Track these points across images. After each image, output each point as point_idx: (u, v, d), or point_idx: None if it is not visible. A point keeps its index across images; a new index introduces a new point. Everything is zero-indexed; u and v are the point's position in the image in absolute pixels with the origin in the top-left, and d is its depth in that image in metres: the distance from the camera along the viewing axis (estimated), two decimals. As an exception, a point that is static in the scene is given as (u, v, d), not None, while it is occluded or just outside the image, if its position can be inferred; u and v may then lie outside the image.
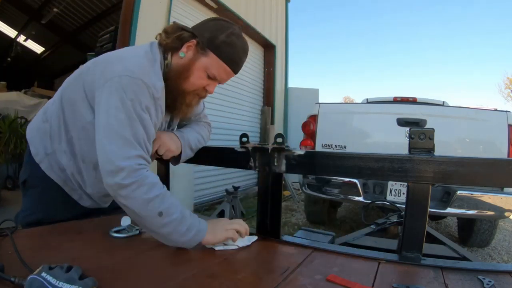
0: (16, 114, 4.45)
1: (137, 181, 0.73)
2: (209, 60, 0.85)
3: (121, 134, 0.75)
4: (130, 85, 0.76)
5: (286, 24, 6.38)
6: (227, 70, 0.87)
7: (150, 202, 0.73)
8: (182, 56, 0.86)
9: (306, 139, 2.89)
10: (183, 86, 0.87)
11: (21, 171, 0.95)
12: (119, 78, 0.76)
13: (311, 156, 0.90)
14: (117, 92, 0.76)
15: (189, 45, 0.86)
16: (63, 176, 0.89)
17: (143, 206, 0.73)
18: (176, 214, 0.75)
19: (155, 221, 0.74)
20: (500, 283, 0.64)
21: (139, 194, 0.73)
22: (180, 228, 0.75)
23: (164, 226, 0.75)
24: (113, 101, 0.75)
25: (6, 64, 7.53)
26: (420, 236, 0.77)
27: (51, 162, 0.89)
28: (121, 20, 3.00)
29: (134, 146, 0.76)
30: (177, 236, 0.76)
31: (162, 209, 0.74)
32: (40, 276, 0.49)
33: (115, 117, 0.75)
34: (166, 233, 0.75)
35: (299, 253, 0.79)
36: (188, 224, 0.76)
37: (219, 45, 0.84)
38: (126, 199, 0.74)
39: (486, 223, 2.76)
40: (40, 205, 0.90)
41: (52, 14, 5.78)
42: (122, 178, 0.72)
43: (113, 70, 0.78)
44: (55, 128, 0.88)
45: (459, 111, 2.62)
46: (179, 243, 0.77)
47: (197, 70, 0.86)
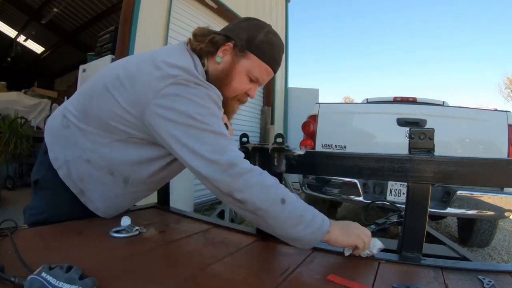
0: (16, 114, 4.46)
1: (250, 168, 0.68)
2: (250, 62, 0.81)
3: (209, 131, 0.69)
4: (187, 84, 0.71)
5: (286, 24, 6.38)
6: (269, 70, 0.84)
7: (270, 189, 0.67)
8: (219, 61, 0.82)
9: (306, 139, 2.89)
10: (225, 93, 0.82)
11: (33, 170, 0.92)
12: (171, 85, 0.70)
13: (311, 156, 0.90)
14: (178, 98, 0.70)
15: (225, 48, 0.81)
16: (81, 186, 0.85)
17: (265, 193, 0.67)
18: (299, 202, 0.69)
19: (279, 210, 0.67)
20: (500, 283, 0.64)
21: (257, 181, 0.67)
22: (306, 216, 0.68)
23: (290, 216, 0.67)
24: (180, 105, 0.69)
25: (6, 64, 7.54)
26: (420, 236, 0.77)
27: (70, 169, 0.84)
28: (121, 20, 3.00)
29: (226, 137, 0.71)
30: (304, 227, 0.68)
31: (283, 196, 0.67)
32: (40, 276, 0.49)
33: (193, 118, 0.69)
34: (292, 224, 0.68)
35: (299, 253, 0.79)
36: (313, 212, 0.69)
37: (259, 45, 0.80)
38: (244, 190, 0.67)
39: (486, 223, 2.76)
40: (50, 206, 0.89)
41: (52, 14, 5.79)
42: (234, 168, 0.67)
43: (159, 82, 0.71)
44: (78, 136, 0.83)
45: (459, 111, 2.62)
46: (306, 236, 0.69)
47: (238, 74, 0.81)
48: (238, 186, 0.67)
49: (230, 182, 0.67)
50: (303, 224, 0.68)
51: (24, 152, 4.20)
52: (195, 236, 0.89)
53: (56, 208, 0.89)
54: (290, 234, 0.70)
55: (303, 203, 0.71)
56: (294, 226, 0.69)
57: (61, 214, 0.89)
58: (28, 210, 0.92)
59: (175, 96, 0.70)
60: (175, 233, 0.91)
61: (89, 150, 0.82)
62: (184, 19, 3.67)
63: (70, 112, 0.86)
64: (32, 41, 7.69)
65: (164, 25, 3.31)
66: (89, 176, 0.84)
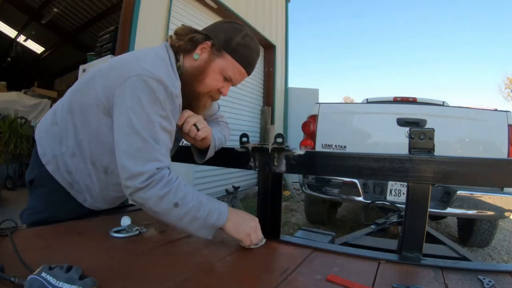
0: (16, 114, 4.46)
1: (153, 182, 0.73)
2: (225, 61, 0.85)
3: (140, 136, 0.74)
4: (147, 84, 0.75)
5: (286, 24, 6.38)
6: (242, 71, 0.88)
7: (164, 197, 0.73)
8: (196, 58, 0.86)
9: (306, 139, 2.89)
10: (198, 88, 0.87)
11: (27, 171, 0.95)
12: (136, 78, 0.75)
13: (311, 156, 0.90)
14: (134, 93, 0.75)
15: (204, 47, 0.85)
16: (69, 179, 0.89)
17: (158, 202, 0.73)
18: (193, 202, 0.75)
19: (173, 213, 0.74)
20: (500, 283, 0.64)
21: (154, 192, 0.73)
22: (200, 214, 0.75)
23: (184, 217, 0.75)
24: (130, 102, 0.75)
25: (6, 64, 7.54)
26: (420, 236, 0.77)
27: (58, 164, 0.88)
28: (121, 20, 3.00)
29: (153, 148, 0.75)
30: (200, 223, 0.76)
31: (177, 200, 0.74)
32: (40, 276, 0.49)
33: (133, 119, 0.74)
34: (187, 223, 0.76)
35: (299, 253, 0.79)
36: (208, 209, 0.77)
37: (235, 47, 0.85)
38: (142, 200, 0.74)
39: (486, 223, 2.76)
40: (47, 205, 0.91)
41: (52, 14, 5.79)
42: (140, 182, 0.72)
43: (129, 70, 0.77)
44: (64, 131, 0.87)
45: (459, 111, 2.62)
46: (204, 230, 0.77)
47: (212, 71, 0.85)
48: (138, 196, 0.74)
49: (133, 192, 0.74)
50: (197, 221, 0.76)
51: (24, 152, 4.20)
52: (195, 236, 0.89)
53: (53, 205, 0.90)
54: (186, 230, 0.78)
55: (198, 202, 0.76)
56: (188, 224, 0.76)
57: (59, 212, 0.90)
58: (26, 210, 0.92)
59: (132, 88, 0.75)
60: (175, 233, 0.91)
61: (74, 144, 0.86)
62: (184, 19, 3.67)
63: (59, 109, 0.90)
64: (32, 41, 7.68)
65: (164, 25, 3.31)
66: (75, 168, 0.88)
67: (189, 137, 0.91)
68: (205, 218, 0.76)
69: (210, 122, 1.07)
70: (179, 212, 0.74)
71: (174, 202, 0.74)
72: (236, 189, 3.56)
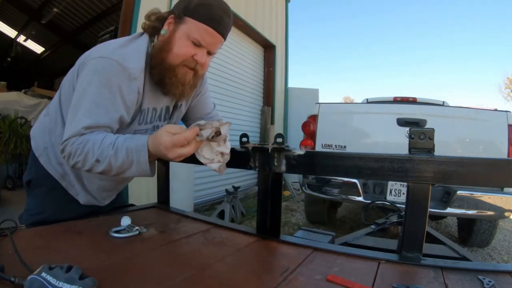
0: (16, 114, 4.46)
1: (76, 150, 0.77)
2: (187, 25, 0.84)
3: (78, 107, 0.78)
4: (102, 66, 0.78)
5: (286, 24, 6.38)
6: (209, 30, 0.84)
7: (87, 155, 0.76)
8: (163, 33, 0.87)
9: (306, 139, 2.89)
10: (169, 59, 0.85)
11: (25, 172, 0.96)
12: (93, 60, 0.79)
13: (311, 156, 0.90)
14: (88, 74, 0.79)
15: (169, 21, 0.86)
16: (61, 170, 0.90)
17: (84, 163, 0.78)
18: (110, 152, 0.76)
19: (99, 167, 0.77)
20: (500, 283, 0.64)
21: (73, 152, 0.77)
22: (119, 160, 0.76)
23: (111, 167, 0.77)
24: (83, 81, 0.79)
25: (6, 64, 7.53)
26: (420, 236, 0.77)
27: (49, 155, 0.90)
28: (121, 20, 3.00)
29: (87, 116, 0.77)
30: (126, 166, 0.77)
31: (97, 157, 0.76)
32: (40, 276, 0.49)
33: (79, 98, 0.78)
34: (117, 170, 0.78)
35: (299, 253, 0.79)
36: (124, 151, 0.76)
37: (194, 8, 0.83)
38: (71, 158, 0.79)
39: (486, 223, 2.76)
40: (46, 205, 0.91)
41: (52, 14, 5.79)
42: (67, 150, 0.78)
43: (90, 54, 0.81)
44: (53, 122, 0.90)
45: (459, 111, 2.62)
46: (136, 172, 0.78)
47: (178, 39, 0.84)
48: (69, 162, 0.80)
49: (66, 159, 0.80)
50: (124, 166, 0.77)
51: (24, 152, 4.19)
52: (195, 236, 0.89)
53: (52, 205, 0.90)
54: (121, 177, 0.82)
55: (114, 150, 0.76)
56: (118, 171, 0.78)
57: (58, 212, 0.90)
58: (25, 212, 0.93)
59: (88, 71, 0.80)
60: (175, 233, 0.91)
61: (61, 133, 0.86)
62: (184, 19, 3.67)
63: (51, 104, 0.93)
64: (32, 41, 7.69)
65: (164, 25, 3.31)
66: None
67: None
68: (126, 161, 0.76)
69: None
70: (103, 165, 0.77)
71: (96, 159, 0.76)
72: (236, 189, 3.56)
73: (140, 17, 2.95)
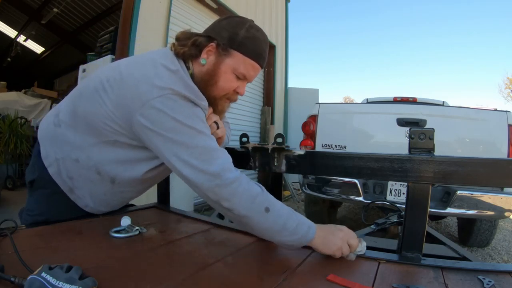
0: (16, 114, 4.46)
1: (236, 178, 0.71)
2: (234, 60, 0.81)
3: (196, 146, 0.72)
4: (175, 102, 0.73)
5: (286, 24, 6.38)
6: (255, 65, 0.83)
7: (255, 198, 0.71)
8: (203, 63, 0.82)
9: (306, 139, 2.89)
10: (213, 93, 0.83)
11: (27, 170, 0.93)
12: (160, 99, 0.72)
13: (311, 156, 0.90)
14: (166, 114, 0.72)
15: (209, 49, 0.81)
16: (71, 184, 0.87)
17: (249, 202, 0.70)
18: (283, 210, 0.72)
19: (263, 218, 0.71)
20: (500, 283, 0.64)
21: (242, 190, 0.71)
22: (290, 224, 0.71)
23: (273, 224, 0.71)
24: (167, 126, 0.72)
25: (6, 64, 7.53)
26: (420, 236, 0.77)
27: (60, 168, 0.86)
28: (121, 20, 3.00)
29: (212, 148, 0.74)
30: (288, 234, 0.72)
31: (267, 205, 0.71)
32: (40, 276, 0.49)
33: (180, 138, 0.72)
34: (276, 231, 0.72)
35: (299, 253, 0.79)
36: (297, 220, 0.73)
37: (242, 41, 0.80)
38: (231, 199, 0.71)
39: (486, 223, 2.76)
40: (47, 207, 0.89)
41: (52, 14, 5.79)
42: (221, 179, 0.70)
43: (146, 92, 0.73)
44: (67, 136, 0.85)
45: (459, 111, 2.62)
46: (290, 242, 0.73)
47: (224, 73, 0.82)
48: (224, 196, 0.70)
49: (218, 191, 0.70)
50: (287, 231, 0.72)
51: (24, 152, 4.19)
52: (195, 236, 0.89)
53: (53, 208, 0.90)
54: (274, 240, 0.74)
55: (288, 211, 0.74)
56: (277, 233, 0.72)
57: (59, 214, 0.90)
58: (25, 211, 0.92)
59: (161, 111, 0.72)
60: (175, 233, 0.91)
61: (78, 150, 0.84)
62: (184, 19, 3.67)
63: (62, 111, 0.88)
64: (32, 41, 7.68)
65: (164, 25, 3.31)
66: (78, 174, 0.86)
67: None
68: (294, 229, 0.71)
69: None
70: (269, 218, 0.70)
71: (265, 206, 0.70)
72: (236, 189, 3.55)
73: (140, 17, 2.95)
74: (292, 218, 0.73)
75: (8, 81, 6.26)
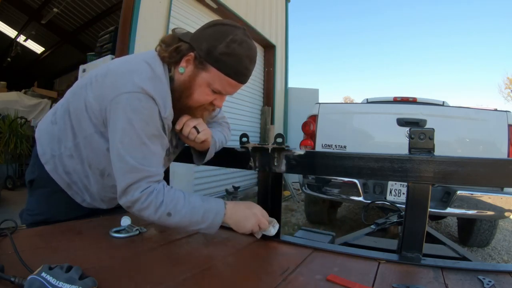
0: (16, 114, 4.45)
1: (144, 194, 0.75)
2: (210, 75, 0.78)
3: (131, 157, 0.75)
4: (140, 102, 0.74)
5: (286, 24, 6.38)
6: (232, 82, 0.79)
7: (158, 209, 0.76)
8: (181, 72, 0.81)
9: (306, 139, 2.89)
10: (188, 103, 0.83)
11: (27, 170, 0.94)
12: (129, 95, 0.74)
13: (311, 156, 0.90)
14: (126, 112, 0.74)
15: (188, 58, 0.80)
16: (68, 179, 0.89)
17: (153, 214, 0.76)
18: (185, 209, 0.78)
19: (169, 221, 0.78)
20: (500, 283, 0.64)
21: (148, 204, 0.76)
22: (195, 218, 0.78)
23: (180, 222, 0.78)
24: (122, 123, 0.74)
25: (6, 64, 7.53)
26: (420, 236, 0.77)
27: (56, 164, 0.88)
28: (121, 20, 3.00)
29: (143, 169, 0.76)
30: (196, 225, 0.79)
31: (168, 210, 0.77)
32: (40, 276, 0.49)
33: (125, 140, 0.75)
34: (185, 226, 0.79)
35: (299, 253, 0.79)
36: (202, 212, 0.79)
37: (219, 57, 0.75)
38: (140, 212, 0.77)
39: (486, 223, 2.76)
40: (47, 206, 0.90)
41: (52, 14, 5.78)
42: (131, 196, 0.75)
43: (123, 83, 0.75)
44: (62, 132, 0.87)
45: (459, 111, 2.62)
46: (202, 230, 0.81)
47: (199, 86, 0.80)
48: (134, 208, 0.77)
49: (129, 206, 0.77)
50: (195, 223, 0.79)
51: (24, 152, 4.19)
52: (195, 236, 0.89)
53: (53, 207, 0.90)
54: (188, 231, 0.82)
55: (191, 208, 0.78)
56: (187, 227, 0.80)
57: (59, 213, 0.90)
58: (26, 211, 0.92)
59: (123, 108, 0.75)
60: (175, 233, 0.91)
61: (72, 145, 0.86)
62: (184, 19, 3.67)
63: (59, 109, 0.90)
64: (32, 41, 7.68)
65: (164, 25, 3.31)
66: (73, 169, 0.88)
67: (189, 140, 0.90)
68: (201, 220, 0.79)
69: (211, 123, 1.07)
70: (174, 219, 0.77)
71: (167, 212, 0.76)
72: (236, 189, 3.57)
73: (140, 17, 2.95)
74: (197, 211, 0.78)
75: (8, 81, 6.26)
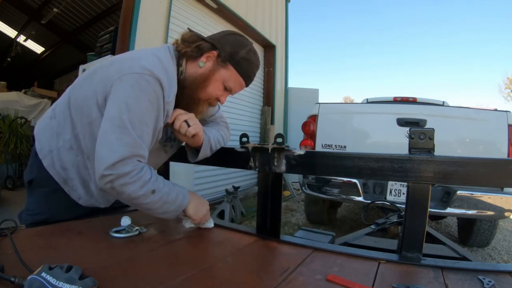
0: (16, 114, 4.45)
1: (135, 169, 0.77)
2: (228, 73, 0.89)
3: (130, 133, 0.77)
4: (149, 84, 0.78)
5: (286, 24, 6.38)
6: (242, 83, 0.93)
7: (144, 185, 0.79)
8: (201, 65, 0.89)
9: (306, 139, 2.89)
10: (199, 94, 0.90)
11: (26, 170, 0.95)
12: (138, 75, 0.78)
13: (311, 156, 0.90)
14: (133, 89, 0.77)
15: (209, 55, 0.89)
16: (64, 175, 0.89)
17: (138, 189, 0.78)
18: (165, 188, 0.83)
19: (148, 199, 0.80)
20: (500, 283, 0.64)
21: (137, 179, 0.78)
22: (170, 198, 0.84)
23: (158, 201, 0.82)
24: (127, 97, 0.77)
25: (6, 64, 7.53)
26: (420, 236, 0.77)
27: (54, 159, 0.89)
28: (121, 20, 3.00)
29: (140, 146, 0.79)
30: (169, 205, 0.84)
31: (154, 187, 0.80)
32: (40, 276, 0.49)
33: (127, 115, 0.77)
34: (159, 206, 0.83)
35: (299, 253, 0.79)
36: (175, 193, 0.85)
37: (239, 60, 0.89)
38: (124, 186, 0.77)
39: (486, 223, 2.76)
40: (47, 206, 0.91)
41: (52, 14, 5.78)
42: (120, 170, 0.76)
43: (130, 66, 0.79)
44: (61, 125, 0.88)
45: (459, 111, 2.62)
46: (171, 213, 0.85)
47: (215, 80, 0.89)
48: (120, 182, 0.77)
49: (115, 179, 0.76)
50: (167, 204, 0.84)
51: (24, 152, 4.19)
52: (195, 236, 0.89)
53: (53, 207, 0.90)
54: (154, 213, 0.85)
55: (169, 188, 0.84)
56: (160, 207, 0.83)
57: (58, 213, 0.90)
58: (25, 211, 0.92)
59: (132, 85, 0.78)
60: (175, 233, 0.91)
61: (72, 137, 0.87)
62: (184, 19, 3.67)
63: (58, 105, 0.92)
64: (32, 41, 7.68)
65: (164, 25, 3.31)
66: (71, 164, 0.89)
67: (180, 134, 0.92)
68: (173, 201, 0.84)
69: (209, 123, 1.08)
70: (155, 197, 0.81)
71: (152, 189, 0.80)
72: (236, 189, 3.56)
73: (140, 17, 2.95)
74: (172, 191, 0.85)
75: (8, 81, 6.26)
